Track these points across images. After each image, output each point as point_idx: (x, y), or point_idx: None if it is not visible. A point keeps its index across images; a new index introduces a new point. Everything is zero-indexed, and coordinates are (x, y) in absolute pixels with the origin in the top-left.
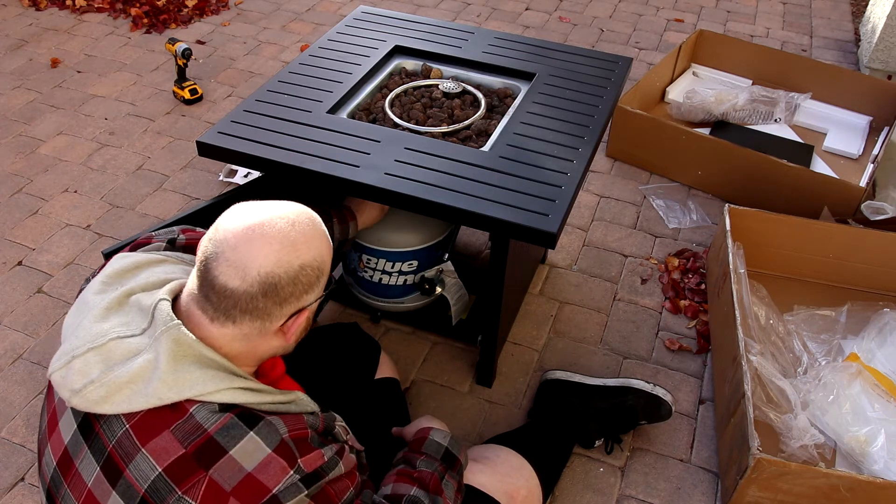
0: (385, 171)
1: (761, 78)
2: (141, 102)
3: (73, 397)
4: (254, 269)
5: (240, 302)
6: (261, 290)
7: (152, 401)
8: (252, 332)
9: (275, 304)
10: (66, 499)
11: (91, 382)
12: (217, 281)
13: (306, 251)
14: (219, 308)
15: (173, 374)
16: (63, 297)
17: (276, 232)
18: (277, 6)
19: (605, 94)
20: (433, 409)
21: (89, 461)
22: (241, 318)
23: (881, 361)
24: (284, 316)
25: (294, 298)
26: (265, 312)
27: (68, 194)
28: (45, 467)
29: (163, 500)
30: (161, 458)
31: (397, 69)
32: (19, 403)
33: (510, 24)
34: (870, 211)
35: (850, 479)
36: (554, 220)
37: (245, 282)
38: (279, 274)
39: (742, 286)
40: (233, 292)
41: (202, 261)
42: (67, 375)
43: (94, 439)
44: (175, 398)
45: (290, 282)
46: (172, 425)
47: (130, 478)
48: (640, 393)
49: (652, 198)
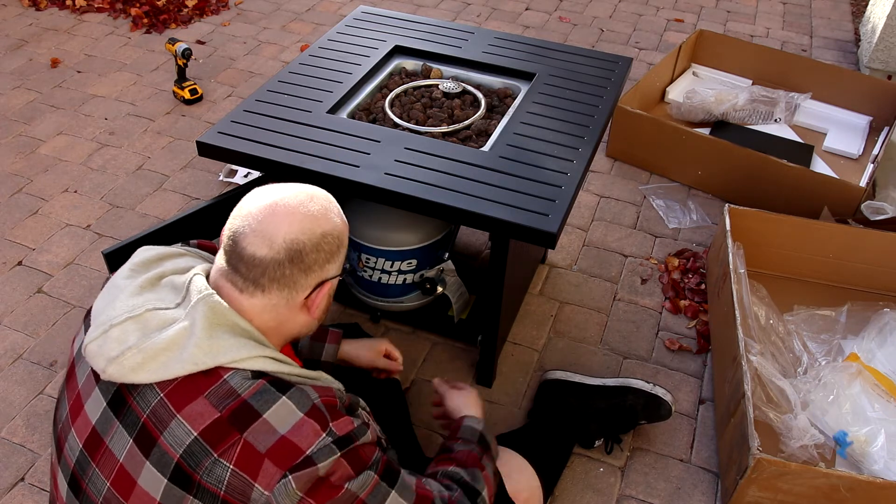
0: (385, 171)
1: (761, 78)
2: (141, 102)
3: (109, 365)
4: (280, 236)
5: (268, 269)
6: (287, 256)
7: (188, 366)
8: (280, 303)
9: (300, 272)
10: (94, 479)
11: (129, 349)
12: (245, 252)
13: (326, 221)
14: (248, 277)
15: (209, 339)
16: (63, 297)
17: (298, 204)
18: (277, 6)
19: (605, 94)
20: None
21: (121, 435)
22: (269, 286)
23: (881, 361)
24: (309, 286)
25: (318, 267)
26: (292, 280)
27: (68, 194)
28: (69, 453)
29: (198, 463)
30: (196, 423)
31: (397, 69)
32: (19, 403)
33: (510, 24)
34: (870, 211)
35: (850, 479)
36: (554, 220)
37: (273, 249)
38: (303, 241)
39: (742, 286)
40: (261, 260)
41: (229, 237)
42: (105, 344)
43: (126, 413)
44: (210, 363)
45: (313, 248)
46: (207, 391)
47: (165, 445)
48: (639, 393)
49: (652, 198)
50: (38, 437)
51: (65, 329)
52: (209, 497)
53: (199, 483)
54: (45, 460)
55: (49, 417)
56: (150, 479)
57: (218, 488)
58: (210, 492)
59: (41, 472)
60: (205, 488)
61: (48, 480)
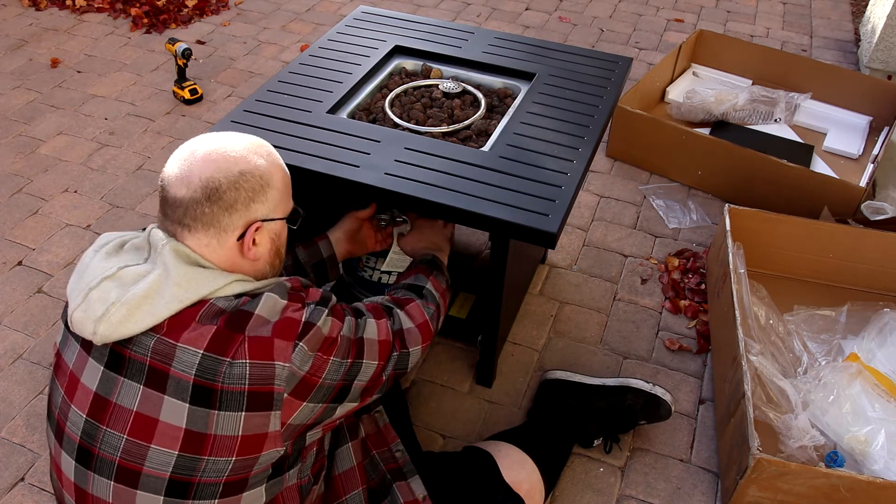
0: (385, 171)
1: (761, 78)
2: (141, 102)
3: (98, 325)
4: (196, 176)
5: (188, 209)
6: (204, 194)
7: (173, 305)
8: (212, 243)
9: (221, 210)
10: (107, 440)
11: (112, 304)
12: (169, 195)
13: (245, 161)
14: (174, 219)
15: (184, 276)
16: (63, 297)
17: (217, 147)
18: (277, 6)
19: (605, 94)
20: (433, 409)
21: (128, 387)
22: (193, 225)
23: (881, 361)
24: (237, 227)
25: (241, 206)
26: (214, 219)
27: (68, 194)
28: (71, 430)
29: (215, 373)
30: (198, 342)
31: (397, 69)
32: (19, 403)
33: (510, 24)
34: (870, 211)
35: (850, 479)
36: (554, 220)
37: (190, 189)
38: (219, 178)
39: (742, 286)
40: (181, 201)
41: (159, 188)
42: (88, 307)
43: (127, 366)
44: (193, 297)
45: (230, 186)
46: (197, 315)
47: (177, 373)
48: (639, 393)
49: (652, 198)
50: (38, 437)
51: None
52: (234, 399)
53: (221, 391)
54: (45, 460)
55: None
56: (171, 409)
57: (242, 385)
58: (234, 392)
59: (41, 472)
60: (228, 391)
61: (48, 480)
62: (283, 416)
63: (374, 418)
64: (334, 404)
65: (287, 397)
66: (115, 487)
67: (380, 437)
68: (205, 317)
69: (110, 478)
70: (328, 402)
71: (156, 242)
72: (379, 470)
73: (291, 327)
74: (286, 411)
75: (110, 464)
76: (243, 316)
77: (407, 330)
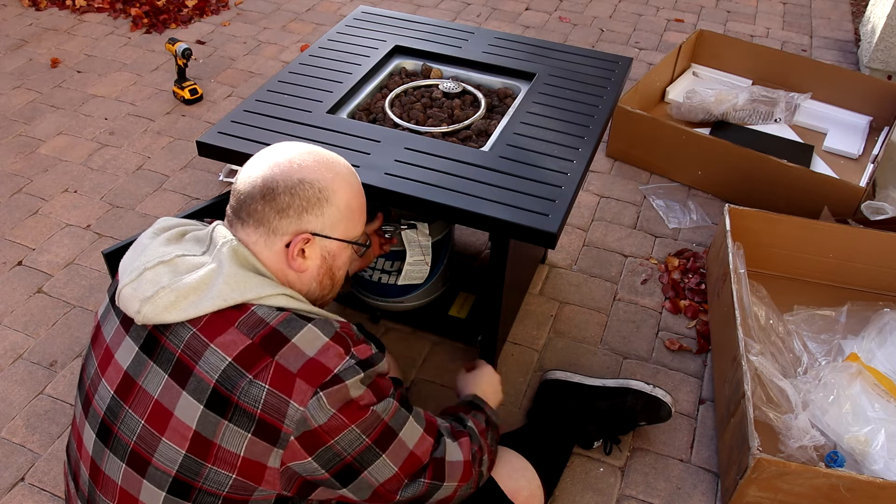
0: (385, 171)
1: (761, 78)
2: (141, 102)
3: (143, 305)
4: (259, 175)
5: (245, 203)
6: (260, 192)
7: (217, 302)
8: (260, 242)
9: (273, 212)
10: (127, 421)
11: (162, 288)
12: (235, 188)
13: (310, 172)
14: (234, 209)
15: (235, 276)
16: (63, 297)
17: (290, 154)
18: (277, 6)
19: (605, 94)
20: (433, 409)
21: (155, 373)
22: (247, 219)
23: (881, 361)
24: (286, 233)
25: (294, 213)
26: (265, 218)
27: (68, 194)
28: (98, 403)
29: (234, 385)
30: (230, 349)
31: (397, 69)
32: (19, 403)
33: (510, 24)
34: (870, 211)
35: (850, 479)
36: (554, 220)
37: (249, 183)
38: (277, 180)
39: (742, 286)
40: (241, 193)
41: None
42: (139, 286)
43: (160, 352)
44: (238, 299)
45: (286, 191)
46: (237, 321)
47: (201, 373)
48: (639, 394)
49: (652, 198)
50: (38, 437)
51: (65, 329)
52: (245, 418)
53: (236, 404)
54: (45, 460)
55: (49, 417)
56: (186, 407)
57: (255, 408)
58: (247, 412)
59: (41, 472)
60: (242, 408)
61: (48, 480)
62: (285, 458)
63: None
64: (336, 483)
65: (293, 441)
66: (126, 471)
67: None
68: (244, 325)
69: (123, 459)
70: (331, 473)
71: (217, 239)
72: None
73: (319, 373)
74: (288, 454)
75: (125, 446)
76: (279, 339)
77: (450, 462)
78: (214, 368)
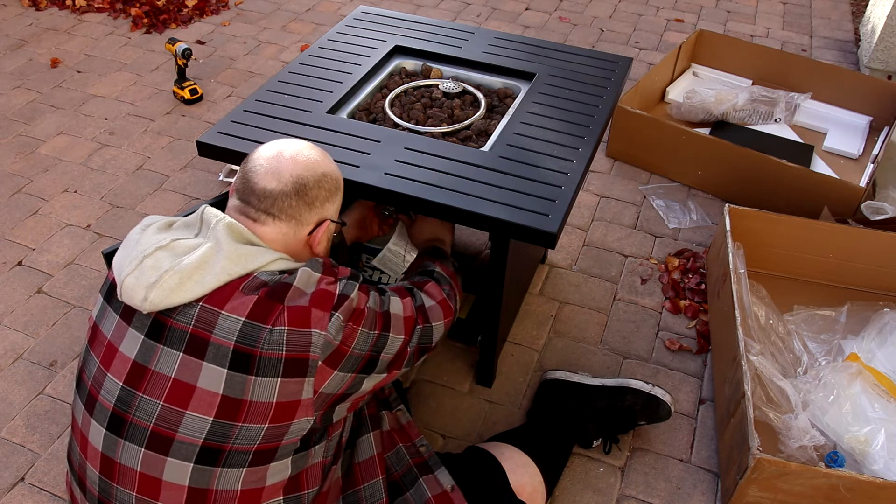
0: (385, 171)
1: (761, 78)
2: (141, 102)
3: (150, 291)
4: (287, 173)
5: (277, 200)
6: (294, 189)
7: (222, 277)
8: (288, 233)
9: (305, 205)
10: (143, 406)
11: (166, 272)
12: (257, 186)
13: (325, 164)
14: (259, 208)
15: (236, 251)
16: (63, 297)
17: (302, 149)
18: (277, 6)
19: (605, 94)
20: (433, 408)
21: (167, 355)
22: (279, 215)
23: (881, 361)
24: (312, 222)
25: (319, 204)
26: (297, 212)
27: (68, 194)
28: (105, 398)
29: (255, 339)
30: (241, 310)
31: (397, 69)
32: (19, 403)
33: (510, 24)
34: (870, 211)
35: (850, 479)
36: (554, 220)
37: (281, 182)
38: (307, 177)
39: (742, 286)
40: (271, 192)
41: (241, 178)
42: (141, 274)
43: (168, 334)
44: (241, 271)
45: (315, 184)
46: (241, 286)
47: (218, 339)
48: (638, 393)
49: (652, 198)
50: (38, 437)
51: (65, 329)
52: (272, 365)
53: (260, 356)
54: (45, 460)
55: (49, 417)
56: (209, 376)
57: (280, 351)
58: (272, 358)
59: (41, 472)
60: (267, 357)
61: (48, 480)
62: (316, 384)
63: (397, 416)
64: (362, 375)
65: (321, 365)
66: (145, 455)
67: (403, 432)
68: (247, 288)
69: (141, 444)
70: (357, 371)
71: (209, 219)
72: (404, 463)
73: (327, 298)
74: (319, 379)
75: (143, 430)
76: (282, 287)
77: (429, 307)
78: (230, 331)
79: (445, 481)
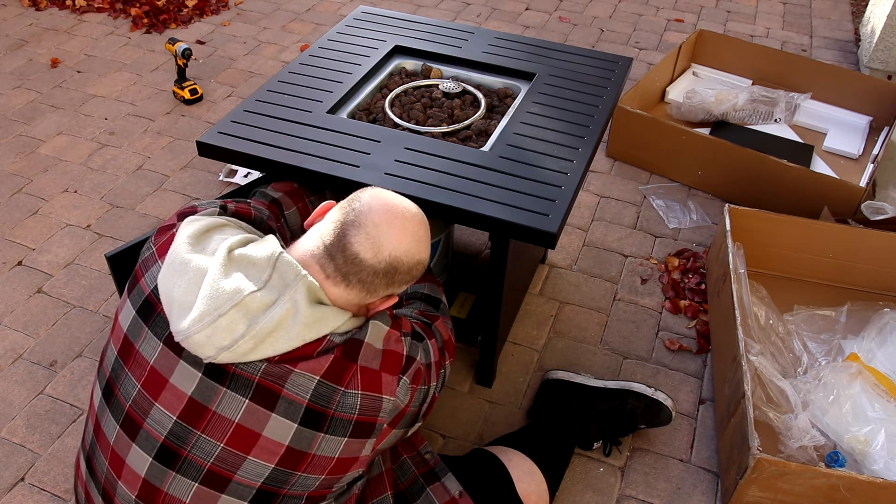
0: (385, 171)
1: (761, 78)
2: (141, 102)
3: (220, 353)
4: (387, 250)
5: (363, 272)
6: (385, 269)
7: (296, 342)
8: (352, 300)
9: (385, 285)
10: (201, 445)
11: (241, 337)
12: (350, 248)
13: (425, 250)
14: (340, 269)
15: (312, 316)
16: (63, 297)
17: (413, 224)
18: (277, 6)
19: (605, 94)
20: (433, 409)
21: (231, 399)
22: (355, 284)
23: (881, 361)
24: (381, 296)
25: (398, 286)
26: (374, 287)
27: (68, 194)
28: (154, 428)
29: (329, 401)
30: (315, 370)
31: (397, 69)
32: (19, 403)
33: (510, 24)
34: (870, 211)
35: (850, 479)
36: (554, 220)
37: (377, 258)
38: (404, 261)
39: (742, 286)
40: (362, 262)
41: (340, 226)
42: (214, 334)
43: (231, 380)
44: (314, 336)
45: (406, 271)
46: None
47: (290, 395)
48: (640, 397)
49: (652, 198)
50: (38, 437)
51: (65, 329)
52: (342, 425)
53: (332, 417)
54: (45, 460)
55: (49, 417)
56: (277, 427)
57: (351, 414)
58: (344, 420)
59: (41, 472)
60: (338, 419)
61: (48, 480)
62: (376, 443)
63: None
64: (409, 428)
65: (385, 427)
66: (199, 489)
67: (408, 442)
68: (321, 351)
69: (195, 480)
70: (407, 426)
71: (285, 273)
72: (409, 474)
73: (396, 361)
74: (380, 438)
75: (199, 467)
76: (355, 345)
77: (442, 346)
78: (304, 389)
79: (453, 487)
